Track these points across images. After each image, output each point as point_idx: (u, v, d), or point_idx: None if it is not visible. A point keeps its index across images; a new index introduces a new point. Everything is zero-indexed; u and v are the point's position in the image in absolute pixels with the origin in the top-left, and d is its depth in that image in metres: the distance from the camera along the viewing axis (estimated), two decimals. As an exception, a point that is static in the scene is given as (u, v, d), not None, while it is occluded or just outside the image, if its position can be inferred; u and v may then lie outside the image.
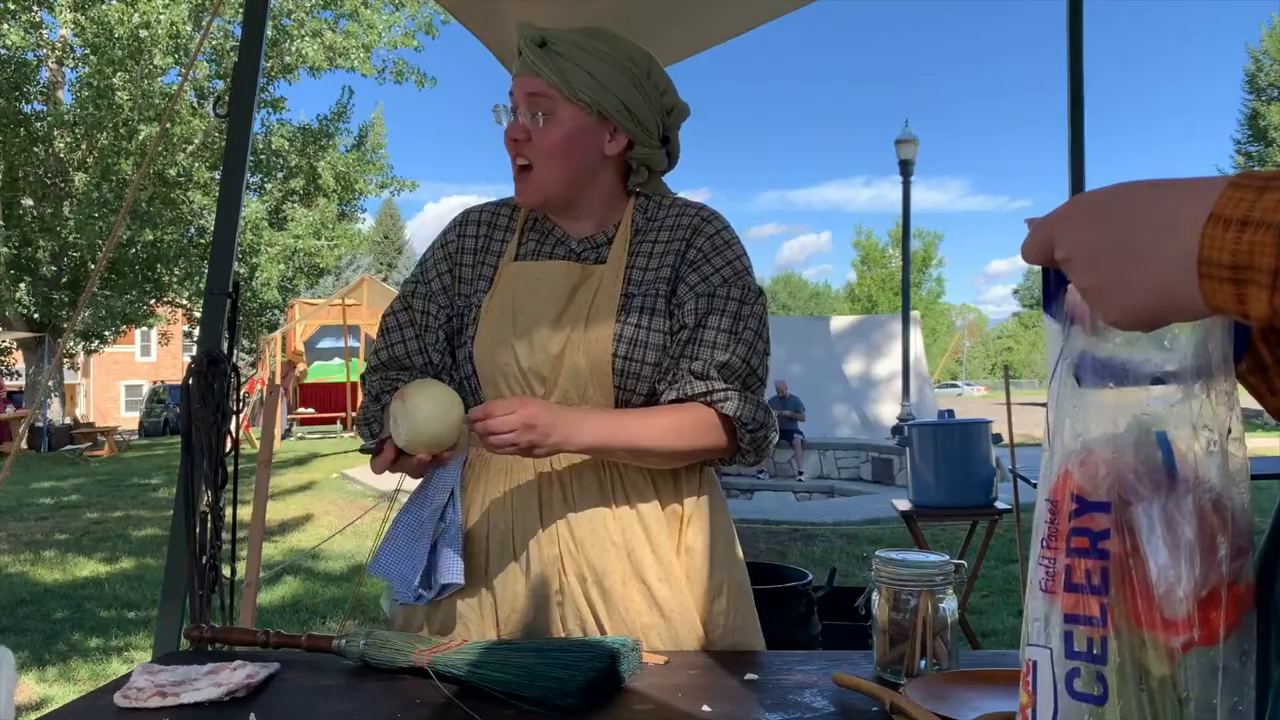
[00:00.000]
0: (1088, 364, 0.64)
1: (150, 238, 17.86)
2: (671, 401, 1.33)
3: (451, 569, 1.33)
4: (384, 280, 29.32)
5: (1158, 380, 0.62)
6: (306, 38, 17.96)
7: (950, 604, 1.19)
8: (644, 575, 1.33)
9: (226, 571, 2.27)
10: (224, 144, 2.39)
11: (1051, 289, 0.66)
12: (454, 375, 1.44)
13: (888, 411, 15.15)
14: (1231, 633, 0.60)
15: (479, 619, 1.35)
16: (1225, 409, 0.62)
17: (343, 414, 19.21)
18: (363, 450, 1.41)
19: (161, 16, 16.10)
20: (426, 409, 1.18)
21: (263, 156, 19.24)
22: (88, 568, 6.74)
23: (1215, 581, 0.60)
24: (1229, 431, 0.62)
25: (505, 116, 1.39)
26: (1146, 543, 0.61)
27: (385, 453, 1.24)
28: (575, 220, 1.43)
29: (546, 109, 1.34)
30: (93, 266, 17.83)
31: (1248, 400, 0.66)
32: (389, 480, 1.74)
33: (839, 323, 18.38)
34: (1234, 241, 0.50)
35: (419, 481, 1.46)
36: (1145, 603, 0.61)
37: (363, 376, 1.50)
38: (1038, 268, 0.65)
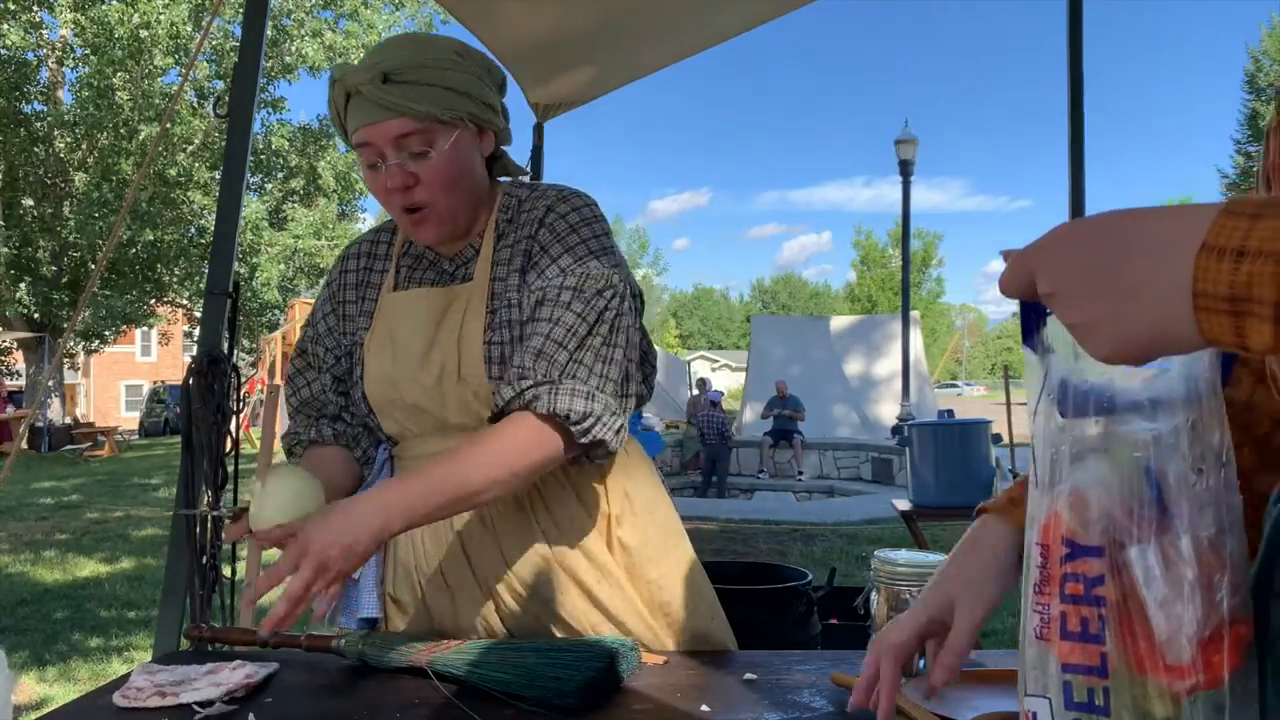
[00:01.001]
0: (1069, 394, 0.62)
1: (150, 238, 17.87)
2: (490, 421, 1.22)
3: (368, 604, 1.33)
4: (384, 280, 29.23)
5: (1146, 413, 0.60)
6: (306, 38, 17.98)
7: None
8: (580, 579, 1.31)
9: (227, 571, 2.27)
10: (224, 144, 2.39)
11: (1031, 322, 0.63)
12: (354, 414, 1.41)
13: (888, 411, 15.15)
14: (1235, 671, 0.59)
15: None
16: (1217, 436, 0.60)
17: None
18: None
19: (161, 16, 16.12)
20: (278, 499, 1.09)
21: (263, 156, 19.26)
22: (88, 568, 6.74)
23: (1217, 621, 0.59)
24: (1222, 460, 0.60)
25: (367, 174, 1.27)
26: (1145, 586, 0.59)
27: (240, 524, 1.13)
28: (448, 239, 1.34)
29: (422, 144, 1.22)
30: (93, 266, 17.83)
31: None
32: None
33: (839, 323, 18.39)
34: (1230, 272, 0.48)
35: None
36: (1148, 647, 0.59)
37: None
38: None
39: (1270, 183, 0.66)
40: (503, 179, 1.40)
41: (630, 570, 1.36)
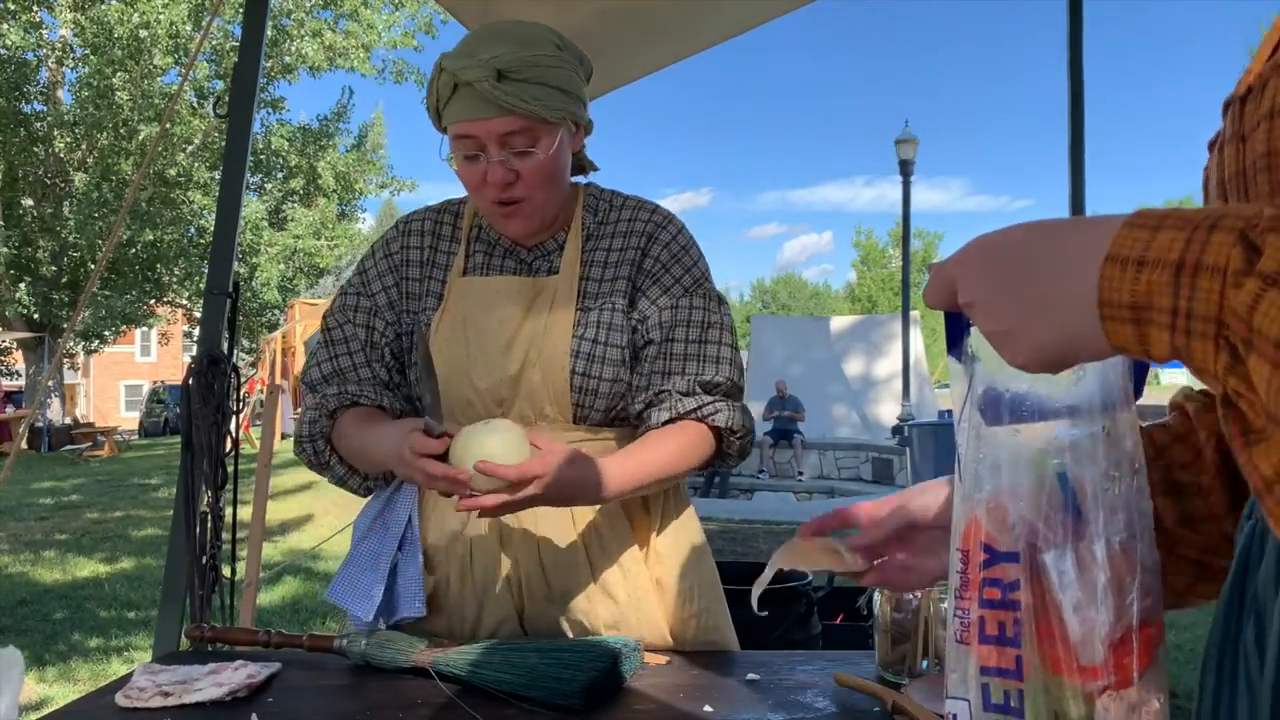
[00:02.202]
0: (992, 402, 0.64)
1: (150, 238, 17.87)
2: (665, 423, 1.30)
3: (412, 600, 1.31)
4: (384, 280, 29.22)
5: (1062, 420, 0.62)
6: (306, 38, 17.96)
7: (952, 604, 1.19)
8: (609, 589, 1.31)
9: (226, 571, 2.27)
10: (224, 144, 2.39)
11: (955, 332, 0.65)
12: (400, 393, 1.39)
13: (888, 411, 15.15)
14: (1145, 671, 0.61)
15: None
16: (1130, 443, 0.62)
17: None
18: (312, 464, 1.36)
19: (161, 16, 16.11)
20: (507, 441, 1.11)
21: (263, 156, 19.25)
22: (88, 568, 6.73)
23: (1127, 624, 0.60)
24: (1135, 467, 0.62)
25: (460, 161, 1.28)
26: (1060, 590, 0.61)
27: (438, 442, 1.12)
28: (535, 232, 1.35)
29: (527, 142, 1.24)
30: (93, 266, 17.83)
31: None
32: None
33: (839, 323, 18.38)
34: (1132, 281, 0.50)
35: (369, 506, 1.43)
36: (1063, 650, 0.61)
37: (303, 383, 1.42)
38: None
39: (1227, 193, 0.66)
40: (578, 179, 1.42)
41: (661, 579, 1.36)
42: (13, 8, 16.47)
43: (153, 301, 20.59)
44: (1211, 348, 0.48)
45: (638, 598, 1.33)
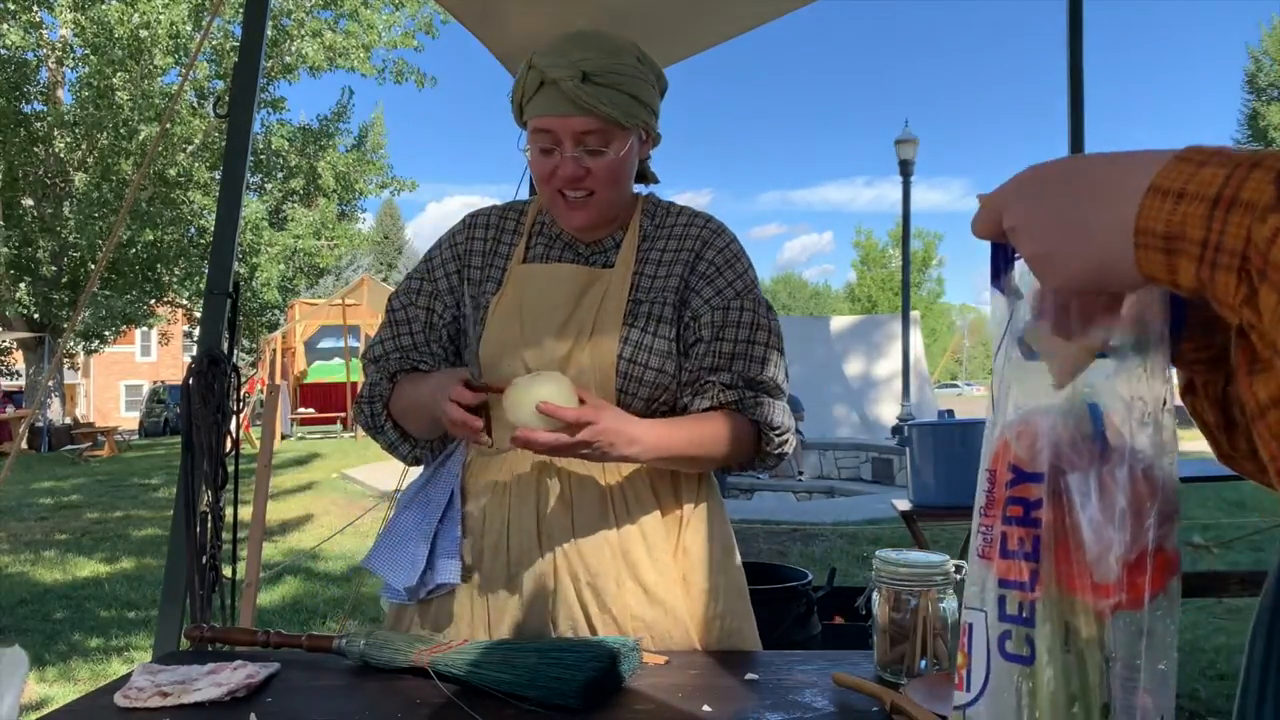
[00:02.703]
0: (1030, 336, 0.66)
1: (150, 238, 17.86)
2: (706, 409, 1.37)
3: (449, 569, 1.34)
4: (384, 280, 29.32)
5: (1100, 352, 0.64)
6: (306, 38, 17.95)
7: (950, 604, 1.19)
8: (639, 576, 1.33)
9: (227, 571, 2.27)
10: (224, 144, 2.39)
11: (999, 263, 0.67)
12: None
13: (888, 411, 15.15)
14: (1156, 597, 0.62)
15: (470, 617, 1.35)
16: (1160, 382, 0.63)
17: (343, 414, 19.19)
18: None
19: (161, 16, 16.10)
20: (564, 390, 1.20)
21: (263, 156, 19.24)
22: (88, 568, 6.73)
23: (1141, 547, 0.62)
24: (1164, 403, 0.64)
25: (535, 153, 1.35)
26: (1081, 509, 0.63)
27: (477, 392, 1.27)
28: (596, 227, 1.43)
29: (600, 142, 1.32)
30: (93, 266, 17.83)
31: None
32: (389, 480, 1.74)
33: (839, 323, 18.38)
34: (1169, 212, 0.51)
35: (415, 480, 1.47)
36: (1079, 567, 0.63)
37: (366, 360, 1.50)
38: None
39: None
40: (639, 187, 1.48)
41: (688, 576, 1.38)
42: (13, 8, 16.47)
43: (153, 301, 20.57)
44: (1234, 280, 0.49)
45: (665, 588, 1.34)
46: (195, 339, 3.32)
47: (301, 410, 20.10)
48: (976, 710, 0.68)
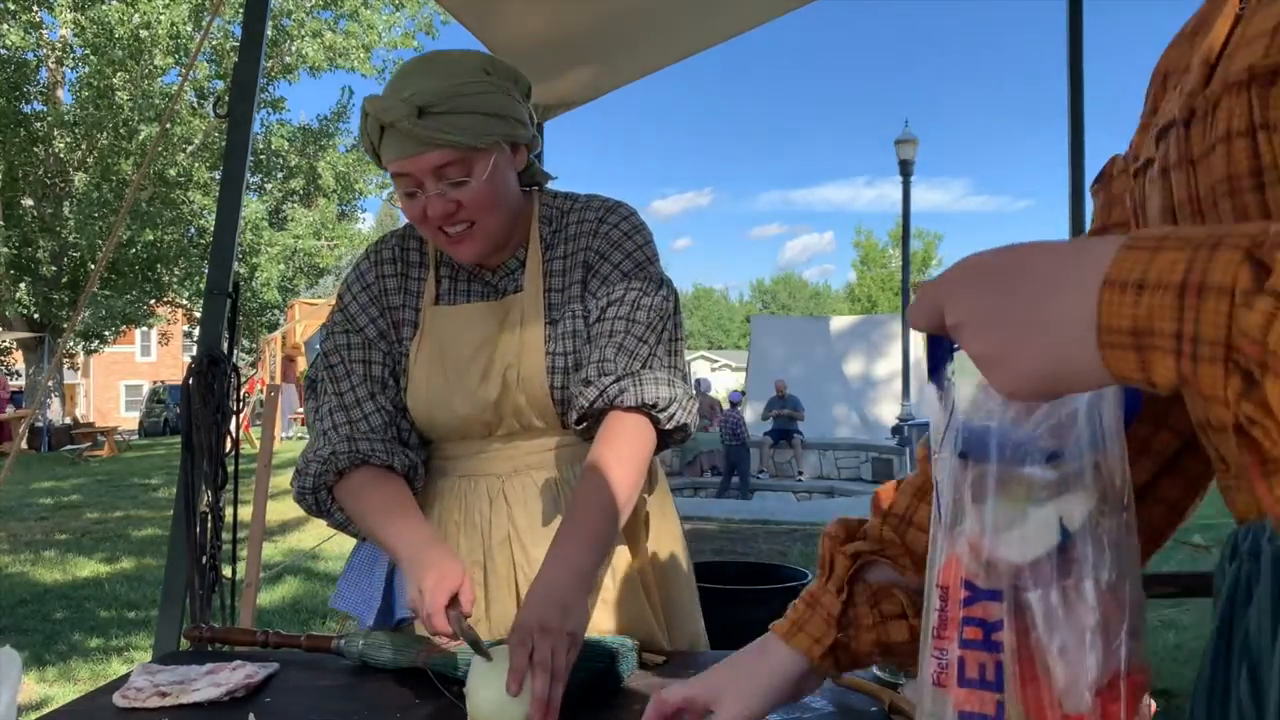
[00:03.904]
0: (974, 435, 0.61)
1: (150, 238, 17.87)
2: (577, 423, 1.28)
3: (401, 606, 1.33)
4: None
5: (1053, 455, 0.59)
6: (306, 38, 17.98)
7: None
8: (598, 586, 1.31)
9: (227, 571, 2.27)
10: (224, 144, 2.39)
11: (938, 356, 0.62)
12: (403, 432, 1.35)
13: (888, 411, 15.16)
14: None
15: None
16: (1120, 479, 0.59)
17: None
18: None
19: (161, 16, 16.12)
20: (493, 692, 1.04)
21: (263, 156, 19.26)
22: (88, 568, 6.74)
23: (1114, 669, 0.58)
24: (1123, 503, 0.59)
25: (403, 200, 1.28)
26: (1045, 633, 0.58)
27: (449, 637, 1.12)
28: (488, 256, 1.35)
29: (461, 172, 1.24)
30: (93, 266, 17.83)
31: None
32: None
33: (839, 323, 18.40)
34: (1132, 305, 0.47)
35: None
36: (1048, 696, 0.58)
37: (312, 418, 1.37)
38: None
39: (1176, 220, 0.65)
40: (530, 188, 1.41)
41: (648, 575, 1.37)
42: (13, 8, 16.48)
43: (153, 301, 20.59)
44: (1221, 372, 0.45)
45: (628, 596, 1.33)
46: (195, 339, 3.31)
47: (301, 410, 20.11)
48: None
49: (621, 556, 1.34)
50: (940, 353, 0.62)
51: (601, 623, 1.31)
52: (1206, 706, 0.65)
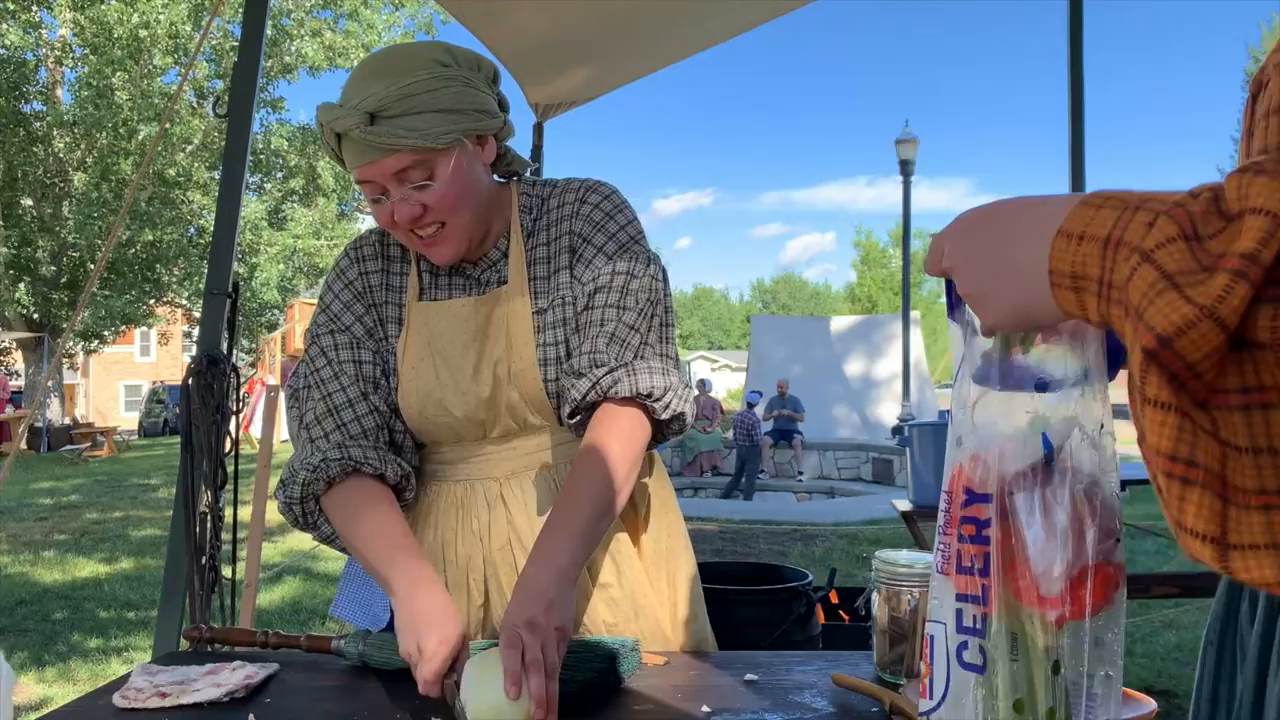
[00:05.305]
0: (987, 370, 0.71)
1: (150, 238, 17.88)
2: (569, 416, 1.25)
3: (386, 610, 1.30)
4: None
5: (1043, 385, 0.69)
6: (306, 38, 17.98)
7: (950, 604, 1.19)
8: (603, 583, 1.31)
9: (226, 572, 2.27)
10: (224, 144, 2.39)
11: (954, 296, 0.72)
12: (394, 434, 1.33)
13: (888, 412, 15.15)
14: (1100, 609, 0.68)
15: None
16: (1100, 406, 0.68)
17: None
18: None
19: (161, 16, 16.12)
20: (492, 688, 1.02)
21: (262, 156, 19.26)
22: (87, 568, 6.73)
23: (1083, 562, 0.67)
24: (1101, 426, 0.69)
25: (371, 206, 1.24)
26: (1026, 528, 0.68)
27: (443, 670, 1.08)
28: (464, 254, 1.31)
29: (423, 175, 1.20)
30: (92, 266, 17.83)
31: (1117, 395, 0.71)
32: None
33: (839, 323, 18.39)
34: (1073, 253, 0.56)
35: None
36: (1026, 581, 0.68)
37: (297, 426, 1.32)
38: None
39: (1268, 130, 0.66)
40: (509, 179, 1.37)
41: (650, 570, 1.36)
42: (12, 7, 16.47)
43: (152, 301, 20.60)
44: (1122, 312, 0.53)
45: (633, 591, 1.32)
46: (195, 339, 3.31)
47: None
48: (939, 716, 0.73)
49: (625, 551, 1.33)
50: (954, 293, 0.71)
51: (607, 619, 1.30)
52: (1207, 706, 0.67)
